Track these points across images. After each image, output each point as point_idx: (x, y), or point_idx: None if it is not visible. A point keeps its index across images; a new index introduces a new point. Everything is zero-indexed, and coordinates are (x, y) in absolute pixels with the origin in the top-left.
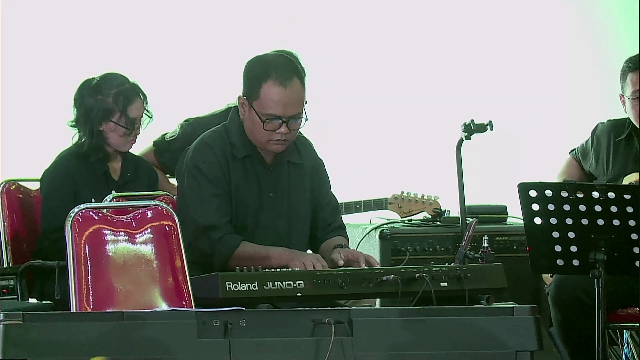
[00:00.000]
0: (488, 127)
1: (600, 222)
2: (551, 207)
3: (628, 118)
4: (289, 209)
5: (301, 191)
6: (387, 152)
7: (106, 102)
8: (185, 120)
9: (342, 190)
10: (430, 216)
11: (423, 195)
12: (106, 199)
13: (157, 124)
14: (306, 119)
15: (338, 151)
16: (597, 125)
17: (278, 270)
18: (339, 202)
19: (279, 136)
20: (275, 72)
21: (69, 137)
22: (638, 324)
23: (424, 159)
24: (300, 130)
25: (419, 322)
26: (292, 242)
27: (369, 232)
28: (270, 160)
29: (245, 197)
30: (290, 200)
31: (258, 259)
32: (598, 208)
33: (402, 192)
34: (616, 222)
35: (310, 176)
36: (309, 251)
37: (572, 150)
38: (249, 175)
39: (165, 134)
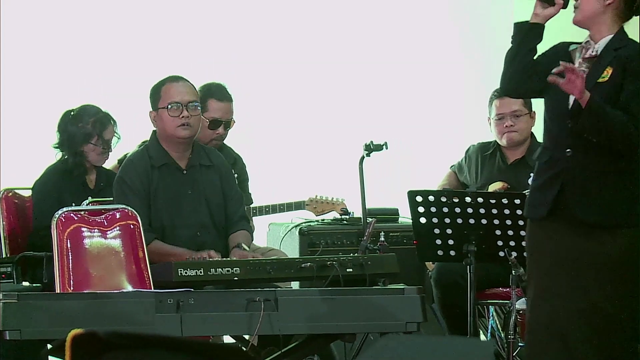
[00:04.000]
0: (384, 146)
1: (472, 221)
2: (433, 209)
3: (494, 140)
4: (206, 203)
5: (213, 188)
6: (306, 164)
7: (86, 128)
8: (143, 142)
9: (269, 194)
10: (339, 215)
11: (333, 198)
12: (84, 204)
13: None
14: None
15: (267, 161)
16: (470, 146)
17: (220, 259)
18: (267, 204)
19: (183, 120)
20: (169, 78)
21: (53, 154)
22: (501, 301)
23: (336, 170)
24: (231, 147)
25: (330, 299)
26: (213, 231)
27: (290, 230)
28: (184, 165)
29: (167, 197)
30: (206, 195)
31: (165, 255)
32: (470, 210)
33: (317, 196)
34: (484, 221)
35: (219, 175)
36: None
37: (451, 166)
38: (167, 179)
39: (127, 154)
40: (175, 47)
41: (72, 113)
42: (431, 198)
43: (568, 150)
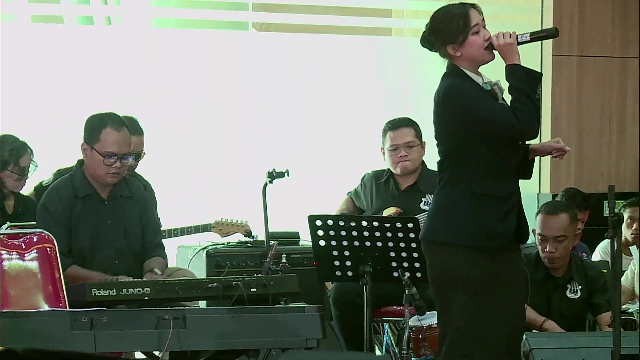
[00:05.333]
0: (285, 174)
1: (368, 243)
2: (332, 232)
3: (388, 168)
4: (125, 232)
5: (132, 218)
6: (212, 189)
7: (4, 156)
8: (58, 170)
9: (177, 217)
10: (243, 237)
11: (237, 220)
12: (2, 228)
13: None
14: (133, 158)
15: (175, 186)
16: (365, 174)
17: (131, 280)
18: (175, 227)
19: (114, 170)
20: (111, 121)
21: None
22: (395, 318)
23: (241, 196)
24: (141, 174)
25: (236, 317)
26: (130, 258)
27: (198, 252)
28: (106, 196)
29: (88, 226)
30: (125, 225)
31: (81, 279)
32: (366, 233)
33: (222, 218)
34: (379, 244)
35: (138, 206)
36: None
37: (348, 192)
38: (89, 209)
39: (43, 181)
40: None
41: None
42: (330, 222)
43: (514, 182)
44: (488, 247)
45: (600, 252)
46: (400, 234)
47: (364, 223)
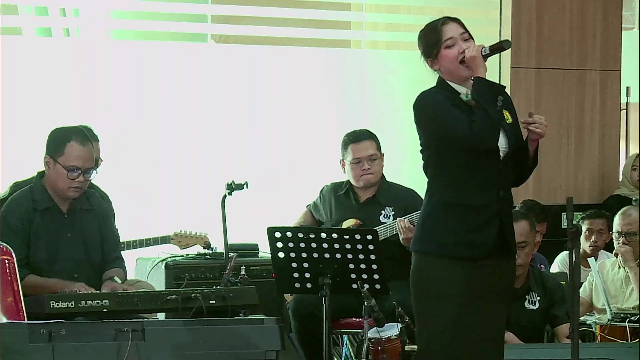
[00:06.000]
0: (245, 185)
1: (327, 255)
2: (291, 244)
3: (347, 180)
4: (84, 245)
5: (92, 231)
6: (171, 201)
7: None
8: (14, 183)
9: (136, 229)
10: (202, 248)
11: (196, 232)
12: None
13: None
14: (96, 172)
15: (134, 198)
16: (324, 186)
17: (90, 292)
18: (134, 239)
19: (77, 184)
20: (76, 135)
21: None
22: (354, 330)
23: (200, 208)
24: (98, 185)
25: (195, 329)
26: (89, 270)
27: (157, 264)
28: (66, 209)
29: (47, 239)
30: (84, 238)
31: (39, 287)
32: (325, 245)
33: (181, 230)
34: (338, 256)
35: (98, 219)
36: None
37: (307, 205)
38: (49, 222)
39: None
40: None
41: None
42: (289, 234)
43: (500, 191)
44: (463, 256)
45: (559, 263)
46: (359, 246)
47: (323, 235)
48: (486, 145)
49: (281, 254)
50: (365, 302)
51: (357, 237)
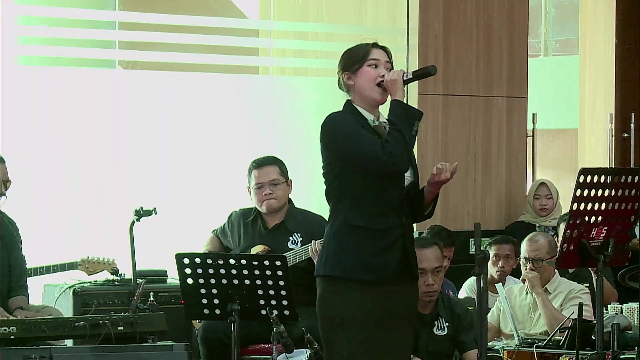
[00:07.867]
0: (153, 212)
1: (236, 281)
2: (199, 270)
3: (255, 206)
4: None
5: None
6: (78, 227)
7: None
8: None
9: (43, 255)
10: (110, 274)
11: (104, 258)
12: None
13: None
14: (6, 197)
15: (40, 223)
16: (232, 212)
17: None
18: (41, 265)
19: None
20: None
21: None
22: (263, 356)
23: (108, 234)
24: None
25: (103, 356)
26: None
27: (64, 290)
28: None
29: None
30: None
31: None
32: (234, 271)
33: (88, 256)
34: (247, 282)
35: (6, 246)
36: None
37: (213, 230)
38: None
39: None
40: None
41: None
42: (197, 260)
43: (403, 216)
44: (364, 280)
45: (467, 289)
46: (268, 272)
47: (232, 261)
48: (398, 167)
49: (190, 280)
50: (274, 328)
51: (266, 263)
